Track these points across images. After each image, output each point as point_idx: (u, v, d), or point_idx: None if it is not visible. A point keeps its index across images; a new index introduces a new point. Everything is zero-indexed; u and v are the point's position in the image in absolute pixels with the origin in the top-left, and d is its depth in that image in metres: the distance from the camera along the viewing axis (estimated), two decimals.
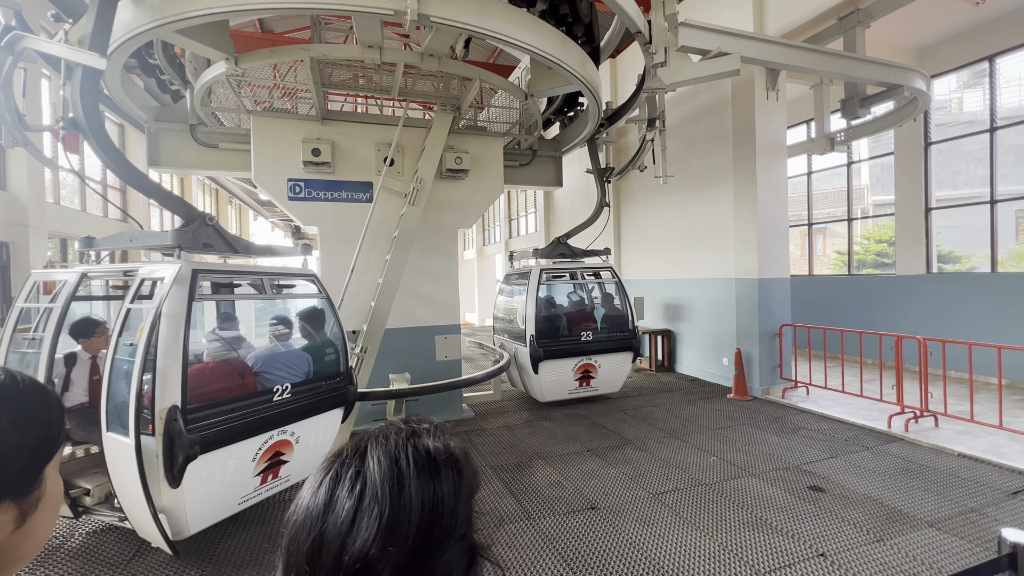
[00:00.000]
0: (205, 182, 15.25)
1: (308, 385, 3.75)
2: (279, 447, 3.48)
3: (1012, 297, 6.71)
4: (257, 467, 3.35)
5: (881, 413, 5.46)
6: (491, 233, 21.31)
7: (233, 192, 14.21)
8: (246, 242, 3.87)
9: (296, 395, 3.58)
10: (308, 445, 3.74)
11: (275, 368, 3.60)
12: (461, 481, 0.53)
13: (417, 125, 5.90)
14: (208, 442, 2.93)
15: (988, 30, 7.07)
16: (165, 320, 2.86)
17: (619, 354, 6.36)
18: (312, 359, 3.90)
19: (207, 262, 3.56)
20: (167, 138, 5.63)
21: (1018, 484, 3.84)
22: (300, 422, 3.61)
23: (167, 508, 2.82)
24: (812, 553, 2.97)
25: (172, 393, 2.78)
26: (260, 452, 3.34)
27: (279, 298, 4.17)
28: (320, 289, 4.08)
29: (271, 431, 3.38)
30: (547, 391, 6.12)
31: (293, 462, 3.63)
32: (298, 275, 4.19)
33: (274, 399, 3.42)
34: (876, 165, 10.23)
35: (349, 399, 4.03)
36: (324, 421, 3.85)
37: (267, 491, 3.49)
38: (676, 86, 4.85)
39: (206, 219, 3.47)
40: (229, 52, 4.09)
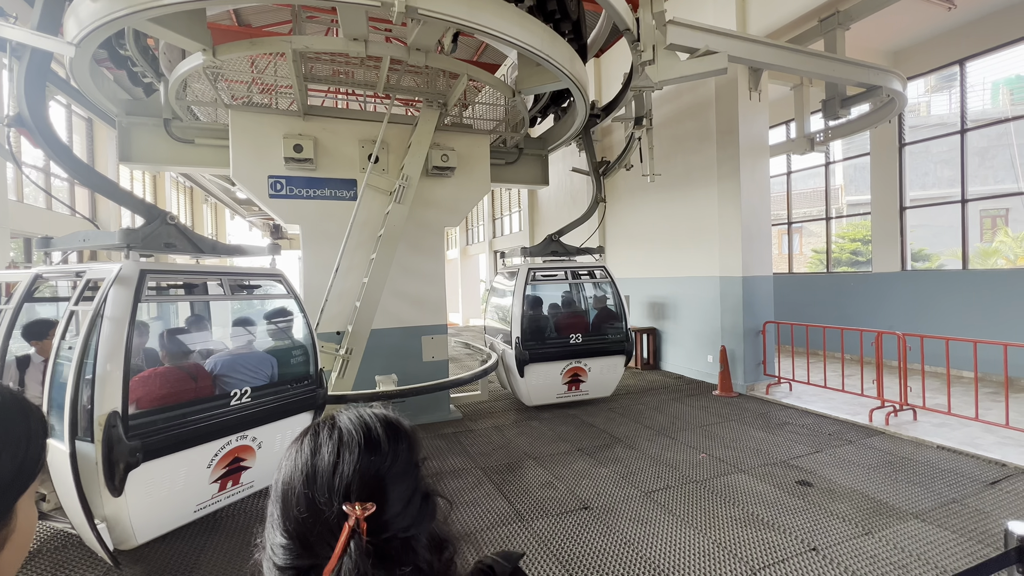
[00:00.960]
0: (179, 180, 14.77)
1: (272, 389, 3.65)
2: (238, 452, 3.40)
3: (982, 293, 6.95)
4: (213, 474, 3.26)
5: (862, 407, 5.58)
6: (475, 232, 21.20)
7: (209, 190, 13.79)
8: (213, 242, 3.78)
9: (257, 399, 3.49)
10: (273, 450, 3.65)
11: (235, 371, 3.51)
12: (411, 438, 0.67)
13: (402, 122, 5.79)
14: (152, 449, 2.84)
15: (959, 35, 7.30)
16: (107, 323, 2.75)
17: (610, 357, 6.15)
18: (278, 362, 3.79)
19: (160, 262, 3.46)
20: (139, 133, 5.40)
21: (995, 474, 3.95)
22: (262, 427, 3.52)
23: (110, 517, 2.72)
24: (804, 548, 2.99)
25: (112, 399, 2.68)
26: (216, 458, 3.26)
27: (240, 299, 4.04)
28: (288, 290, 3.97)
29: (228, 436, 3.30)
30: (534, 395, 5.97)
31: (256, 468, 3.55)
32: (264, 275, 4.06)
33: (231, 403, 3.32)
34: (850, 166, 10.50)
35: (318, 403, 3.93)
36: (291, 426, 3.75)
37: (227, 498, 3.40)
38: (664, 84, 4.86)
39: (166, 218, 3.41)
40: (206, 43, 3.93)
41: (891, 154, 8.23)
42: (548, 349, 5.93)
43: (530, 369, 5.79)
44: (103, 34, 3.48)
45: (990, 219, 10.18)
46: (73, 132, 9.68)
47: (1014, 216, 9.63)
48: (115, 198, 3.46)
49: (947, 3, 6.61)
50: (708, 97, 7.17)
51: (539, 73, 4.83)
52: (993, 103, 8.36)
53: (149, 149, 5.43)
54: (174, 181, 14.72)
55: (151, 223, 3.32)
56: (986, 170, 7.80)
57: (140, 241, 3.22)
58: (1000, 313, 6.72)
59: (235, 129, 5.14)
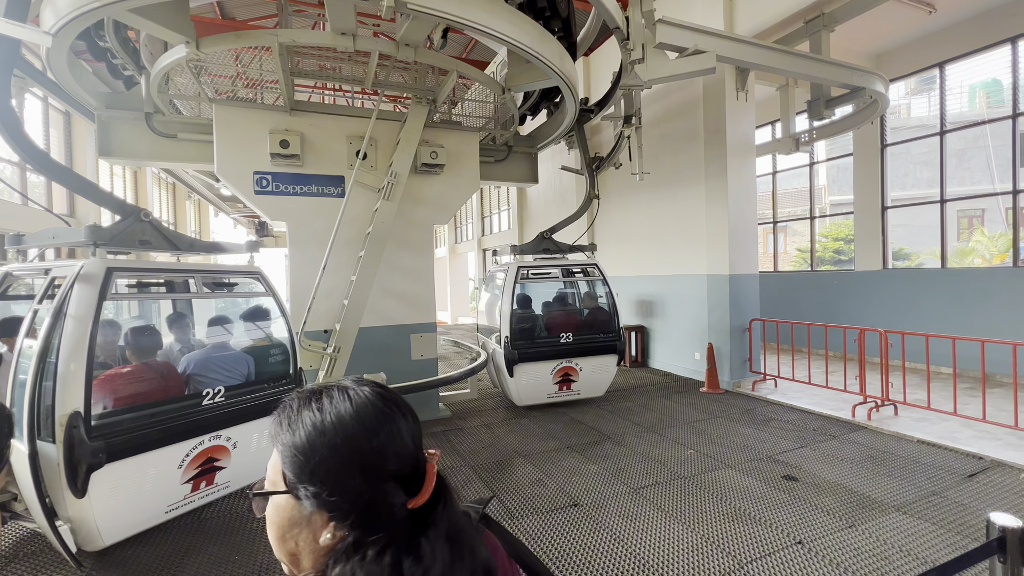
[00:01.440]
0: (161, 176, 14.47)
1: (248, 388, 3.61)
2: (212, 453, 3.38)
3: (961, 291, 7.12)
4: (185, 475, 3.25)
5: (845, 403, 5.69)
6: (463, 231, 21.14)
7: (192, 187, 13.52)
8: (191, 239, 3.76)
9: (232, 399, 3.45)
10: (249, 450, 3.62)
11: (209, 371, 3.47)
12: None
13: (390, 118, 5.73)
14: (117, 450, 2.81)
15: (939, 38, 7.46)
16: (70, 321, 2.71)
17: (602, 357, 6.08)
18: (255, 361, 3.76)
19: (131, 260, 3.42)
20: (119, 127, 5.27)
21: (972, 467, 4.05)
22: (237, 427, 3.49)
23: (75, 518, 2.69)
24: (790, 541, 3.04)
25: (74, 399, 2.64)
26: (188, 459, 3.24)
27: (215, 297, 4.00)
28: (267, 288, 3.94)
29: (200, 436, 3.28)
30: (523, 395, 5.90)
31: (231, 468, 3.52)
32: (241, 272, 4.01)
33: (204, 403, 3.29)
34: (833, 167, 10.69)
35: None
36: (268, 425, 3.69)
37: (201, 498, 3.39)
38: (653, 83, 4.88)
39: (140, 215, 3.39)
40: (190, 35, 3.85)
41: (873, 155, 8.39)
42: (538, 348, 5.85)
43: (519, 369, 5.73)
44: (82, 24, 3.38)
45: (967, 219, 10.44)
46: (50, 126, 9.41)
47: (990, 216, 9.89)
48: (87, 194, 3.41)
49: (927, 7, 6.75)
50: (696, 97, 7.23)
51: (529, 70, 4.82)
52: (970, 106, 8.57)
53: (130, 144, 5.30)
54: (156, 177, 14.41)
55: (125, 220, 3.29)
56: (963, 171, 8.00)
57: (111, 238, 3.18)
58: (977, 310, 6.90)
59: (219, 124, 5.05)
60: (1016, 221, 6.89)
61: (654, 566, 2.83)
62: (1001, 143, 8.11)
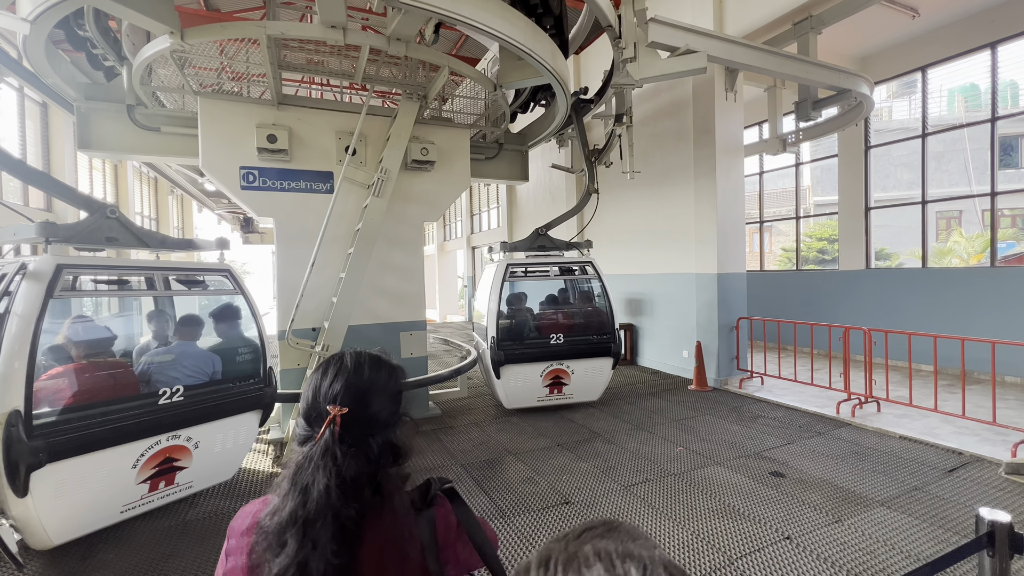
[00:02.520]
0: (143, 170, 14.14)
1: (211, 387, 3.57)
2: (170, 453, 3.35)
3: (941, 290, 7.29)
4: (141, 474, 3.23)
5: (830, 400, 5.79)
6: (452, 228, 21.05)
7: (175, 181, 13.22)
8: (161, 236, 3.73)
9: (192, 398, 3.41)
10: (213, 450, 3.58)
11: (167, 370, 3.43)
12: (394, 371, 1.03)
13: (380, 114, 5.67)
14: (59, 450, 2.78)
15: (922, 42, 7.61)
16: (13, 318, 2.70)
17: (595, 359, 5.79)
18: (222, 360, 3.72)
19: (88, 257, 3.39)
20: (100, 119, 5.13)
21: (952, 462, 4.15)
22: (198, 427, 3.45)
23: (19, 517, 2.68)
24: (778, 537, 3.08)
25: (13, 397, 2.61)
26: (143, 459, 3.22)
27: (177, 295, 3.96)
28: (236, 286, 3.90)
29: (156, 436, 3.26)
30: (512, 397, 5.67)
31: (194, 469, 3.52)
32: (210, 270, 3.95)
33: (160, 403, 3.25)
34: (817, 168, 10.87)
35: (264, 402, 3.86)
36: (234, 425, 3.69)
37: (160, 498, 3.38)
38: (644, 82, 4.90)
39: (107, 211, 3.37)
40: (174, 26, 3.75)
41: (857, 156, 8.54)
42: (526, 350, 5.63)
43: (507, 370, 5.51)
44: (61, 12, 3.28)
45: (945, 220, 10.70)
46: (26, 117, 9.12)
47: (967, 218, 10.16)
48: (51, 190, 3.36)
49: (911, 11, 6.88)
50: (685, 97, 7.28)
51: (521, 67, 4.80)
52: (949, 110, 8.78)
53: (110, 136, 5.16)
54: (137, 171, 14.07)
55: (93, 216, 3.26)
56: (941, 174, 8.20)
57: (71, 236, 3.16)
58: (956, 309, 7.08)
59: (204, 117, 4.94)
60: (994, 222, 7.07)
61: None
62: (978, 146, 8.32)
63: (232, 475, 3.92)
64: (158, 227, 16.41)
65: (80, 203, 3.37)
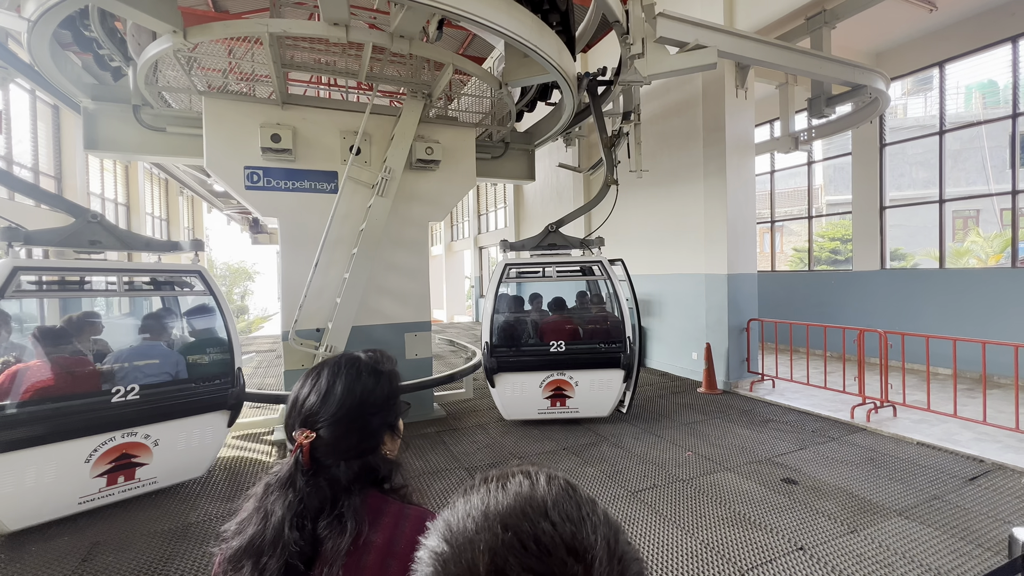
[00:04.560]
0: (153, 171, 14.27)
1: (171, 386, 3.65)
2: (126, 449, 3.47)
3: (959, 292, 7.09)
4: (96, 469, 3.35)
5: (844, 404, 5.64)
6: (460, 228, 21.02)
7: (184, 182, 13.32)
8: (146, 239, 3.96)
9: (148, 397, 3.49)
10: (176, 449, 3.66)
11: (129, 369, 3.52)
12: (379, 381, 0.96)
13: (385, 113, 5.63)
14: (7, 442, 2.97)
15: (939, 37, 7.41)
16: None
17: (602, 371, 5.16)
18: (188, 360, 3.79)
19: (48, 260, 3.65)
20: (106, 119, 5.14)
21: (973, 470, 4.01)
22: (157, 424, 3.54)
23: None
24: (791, 547, 2.97)
25: None
26: (96, 454, 3.34)
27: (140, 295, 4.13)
28: (207, 287, 3.96)
29: (110, 433, 3.37)
30: (510, 408, 5.26)
31: (155, 465, 3.60)
32: (180, 271, 4.05)
33: (112, 401, 3.36)
34: (829, 166, 10.66)
35: (229, 402, 3.88)
36: (198, 424, 3.76)
37: (121, 492, 3.50)
38: (653, 78, 4.80)
39: (88, 216, 3.59)
40: (176, 24, 3.73)
41: (872, 154, 8.35)
42: (523, 357, 5.19)
43: (501, 379, 5.13)
44: (62, 11, 3.27)
45: (962, 220, 10.44)
46: (38, 119, 9.22)
47: (984, 217, 9.89)
48: (35, 197, 3.51)
49: (928, 5, 6.70)
50: (695, 94, 7.15)
51: (527, 65, 4.73)
52: (966, 107, 8.56)
53: (117, 136, 5.17)
54: (147, 172, 14.21)
55: (77, 221, 3.50)
56: (958, 172, 7.98)
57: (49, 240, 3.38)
58: (975, 311, 6.87)
59: (209, 117, 4.92)
60: (1014, 222, 6.86)
61: (653, 573, 2.76)
62: (996, 144, 8.09)
63: (203, 472, 3.98)
64: (169, 228, 16.57)
65: (65, 208, 3.56)
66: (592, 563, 0.39)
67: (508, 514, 0.42)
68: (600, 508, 0.46)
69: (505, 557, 0.39)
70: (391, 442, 0.98)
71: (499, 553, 0.39)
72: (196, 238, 4.13)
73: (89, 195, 11.48)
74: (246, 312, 42.25)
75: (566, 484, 0.47)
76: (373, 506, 0.87)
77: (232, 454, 4.73)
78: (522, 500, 0.44)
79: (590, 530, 0.42)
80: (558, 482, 0.47)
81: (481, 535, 0.41)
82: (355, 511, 0.84)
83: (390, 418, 0.96)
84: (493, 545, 0.40)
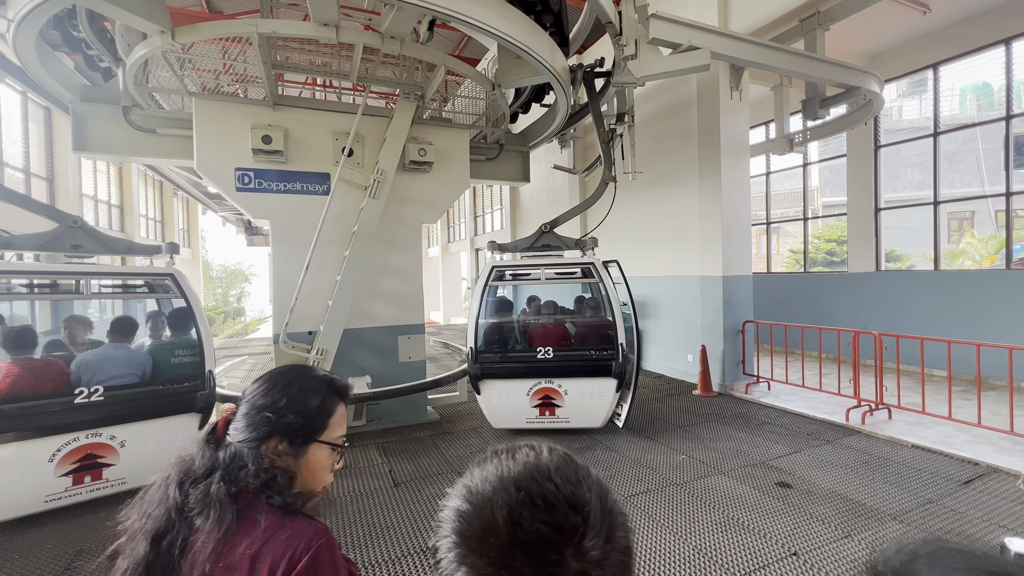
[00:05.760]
0: (147, 173, 14.19)
1: (137, 388, 3.68)
2: (91, 449, 3.51)
3: (954, 293, 7.09)
4: (60, 468, 3.39)
5: (839, 406, 5.62)
6: (456, 230, 20.99)
7: (178, 184, 13.27)
8: (128, 243, 4.10)
9: (113, 398, 3.53)
10: (145, 450, 3.68)
11: (95, 370, 3.54)
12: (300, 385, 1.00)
13: (377, 114, 5.59)
14: None
15: (933, 39, 7.42)
16: None
17: (592, 379, 4.89)
18: (158, 362, 3.83)
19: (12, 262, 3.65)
20: (96, 121, 5.09)
21: (968, 473, 3.98)
22: (123, 426, 3.59)
23: None
24: (785, 553, 2.94)
25: None
26: (60, 454, 3.38)
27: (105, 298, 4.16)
28: (178, 289, 3.97)
29: (74, 433, 3.42)
30: (496, 416, 5.04)
31: (123, 466, 3.62)
32: (152, 274, 4.07)
33: (75, 402, 3.41)
34: (825, 168, 10.68)
35: (199, 405, 3.88)
36: (168, 427, 3.78)
37: (89, 492, 3.53)
38: (646, 79, 4.78)
39: (70, 221, 3.69)
40: (164, 25, 3.69)
41: (867, 156, 8.35)
42: (508, 364, 4.97)
43: (487, 386, 4.94)
44: (46, 12, 3.22)
45: (957, 221, 10.46)
46: (29, 120, 9.15)
47: (979, 219, 9.92)
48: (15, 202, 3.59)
49: (922, 7, 6.71)
50: (689, 96, 7.14)
51: (520, 66, 4.70)
52: (960, 109, 8.58)
53: (106, 138, 5.13)
54: (141, 174, 14.14)
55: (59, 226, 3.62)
56: (953, 174, 8.00)
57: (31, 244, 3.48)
58: (970, 312, 6.87)
59: (199, 118, 4.88)
60: (1009, 223, 6.86)
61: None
62: (991, 146, 8.11)
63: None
64: (163, 229, 16.48)
65: (48, 215, 3.65)
66: (588, 515, 0.49)
67: (519, 478, 0.52)
68: (593, 473, 0.56)
69: (520, 511, 0.49)
70: (287, 457, 0.95)
71: (515, 508, 0.49)
72: (171, 241, 4.17)
73: (82, 197, 11.40)
74: (243, 314, 42.07)
75: (564, 454, 0.57)
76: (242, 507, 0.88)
77: None
78: (530, 467, 0.53)
79: (586, 489, 0.52)
80: (558, 452, 0.57)
81: (498, 495, 0.50)
82: (218, 495, 0.87)
83: (284, 426, 0.96)
84: (509, 502, 0.49)
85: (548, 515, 0.48)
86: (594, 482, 0.54)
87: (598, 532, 0.48)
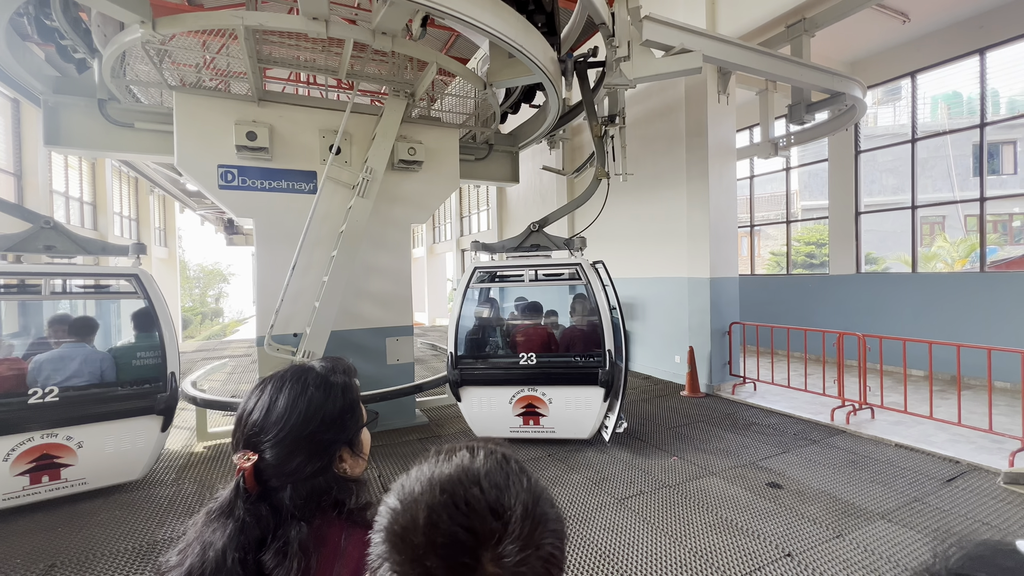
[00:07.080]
0: (122, 169, 13.73)
1: (94, 389, 3.64)
2: (47, 450, 3.50)
3: (931, 295, 7.29)
4: (16, 468, 3.40)
5: (824, 406, 5.71)
6: (441, 230, 20.85)
7: (155, 180, 12.87)
8: (103, 243, 4.12)
9: (69, 399, 3.50)
10: (104, 451, 3.65)
11: (51, 370, 3.52)
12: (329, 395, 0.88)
13: (366, 112, 5.49)
14: None
15: (912, 47, 7.62)
16: None
17: (578, 387, 4.62)
18: (117, 363, 3.80)
19: None
20: (69, 114, 4.88)
21: (950, 471, 4.08)
22: (80, 427, 3.57)
23: None
24: (779, 554, 2.95)
25: None
26: (14, 453, 3.38)
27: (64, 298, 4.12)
28: (141, 290, 3.90)
29: (28, 433, 3.41)
30: (478, 425, 4.87)
31: (81, 466, 3.61)
32: (115, 275, 4.04)
33: (29, 402, 3.39)
34: (804, 172, 10.92)
35: (160, 407, 3.82)
36: (127, 428, 3.75)
37: (48, 491, 3.54)
38: (638, 81, 4.78)
39: (42, 222, 3.68)
40: (144, 14, 3.54)
41: (848, 161, 8.54)
42: (488, 370, 4.77)
43: (467, 393, 4.78)
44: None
45: (929, 226, 10.80)
46: None
47: (950, 224, 10.27)
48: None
49: (902, 16, 6.88)
50: (678, 99, 7.20)
51: (511, 65, 4.66)
52: (932, 117, 8.86)
53: (80, 132, 4.92)
54: (116, 170, 13.66)
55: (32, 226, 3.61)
56: (925, 179, 8.26)
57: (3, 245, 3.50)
58: (947, 314, 7.07)
59: (180, 113, 4.72)
60: (982, 228, 7.08)
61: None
62: (961, 153, 8.40)
63: (140, 475, 3.93)
64: (139, 228, 15.97)
65: (20, 215, 3.64)
66: (509, 521, 0.49)
67: (447, 480, 0.52)
68: (528, 479, 0.55)
69: (440, 513, 0.49)
70: (351, 459, 0.90)
71: (435, 510, 0.49)
72: (138, 242, 4.17)
73: (52, 193, 10.96)
74: (221, 315, 41.08)
75: (502, 458, 0.56)
76: (320, 534, 0.81)
77: (203, 465, 4.52)
78: (460, 470, 0.53)
79: (512, 496, 0.51)
80: (495, 456, 0.56)
81: (423, 496, 0.51)
82: (300, 542, 0.78)
83: (345, 434, 0.89)
84: (431, 504, 0.50)
85: (466, 519, 0.49)
86: (523, 488, 0.53)
87: (517, 538, 0.48)
